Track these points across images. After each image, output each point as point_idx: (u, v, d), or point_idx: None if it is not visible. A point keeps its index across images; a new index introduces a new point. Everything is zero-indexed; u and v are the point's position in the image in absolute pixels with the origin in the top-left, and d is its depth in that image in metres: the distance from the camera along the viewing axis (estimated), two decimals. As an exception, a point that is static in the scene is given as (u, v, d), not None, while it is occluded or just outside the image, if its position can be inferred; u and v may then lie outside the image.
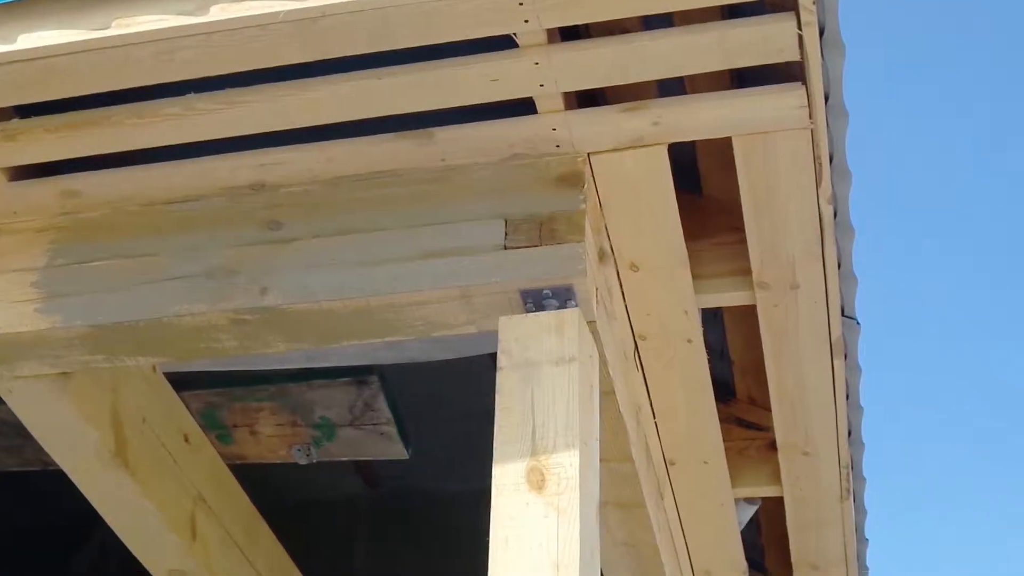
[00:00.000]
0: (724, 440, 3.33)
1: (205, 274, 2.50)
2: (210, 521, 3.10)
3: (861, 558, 3.96)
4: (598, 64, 2.33)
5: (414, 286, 2.39)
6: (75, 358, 2.59)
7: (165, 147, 2.54)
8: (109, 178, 2.60)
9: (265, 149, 2.52)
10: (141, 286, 2.51)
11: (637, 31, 2.34)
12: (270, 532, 3.40)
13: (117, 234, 2.58)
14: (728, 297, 2.96)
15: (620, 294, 2.79)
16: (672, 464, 3.37)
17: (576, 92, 2.42)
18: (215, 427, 3.39)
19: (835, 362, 3.10)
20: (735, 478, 3.51)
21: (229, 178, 2.55)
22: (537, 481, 2.17)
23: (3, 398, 2.73)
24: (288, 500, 3.85)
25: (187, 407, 3.10)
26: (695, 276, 2.84)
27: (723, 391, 3.49)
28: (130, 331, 2.50)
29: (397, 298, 2.39)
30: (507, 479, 2.19)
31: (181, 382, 3.10)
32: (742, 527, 3.72)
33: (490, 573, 2.11)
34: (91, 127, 2.49)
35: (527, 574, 2.09)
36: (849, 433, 3.40)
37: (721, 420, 3.29)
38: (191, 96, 2.42)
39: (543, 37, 2.29)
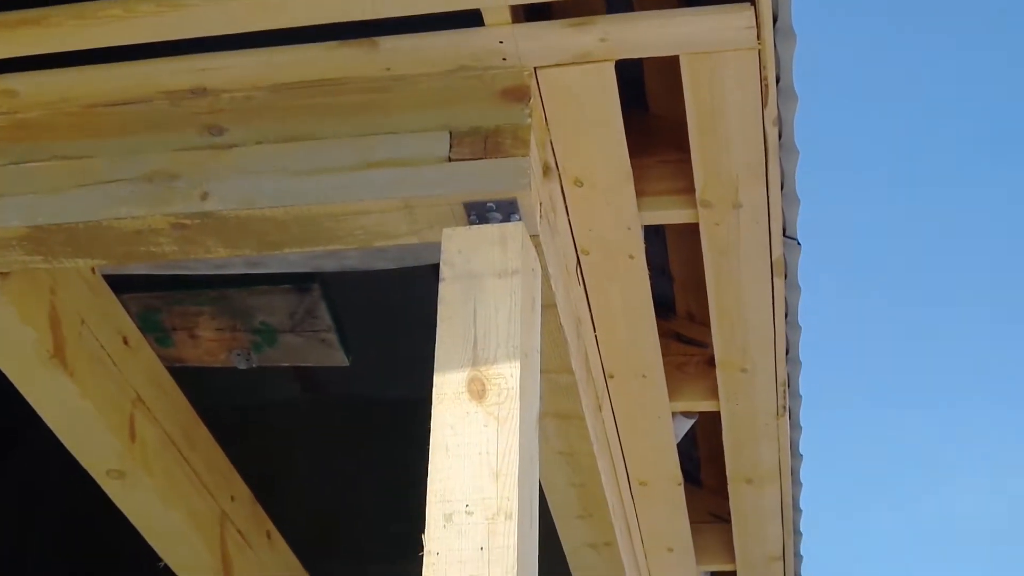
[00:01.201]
0: (663, 355, 3.36)
1: (145, 178, 2.48)
2: (149, 423, 3.10)
3: (795, 473, 4.02)
4: (547, -23, 2.31)
5: (356, 196, 2.38)
6: (13, 258, 2.57)
7: (106, 48, 2.50)
8: (48, 78, 2.56)
9: (207, 53, 2.49)
10: (80, 188, 2.48)
11: (586, -55, 2.33)
12: (209, 435, 3.41)
13: (56, 135, 2.55)
14: (671, 215, 2.97)
15: (564, 209, 2.80)
16: (611, 377, 3.39)
17: (524, 5, 2.40)
18: (154, 330, 3.38)
19: (775, 281, 3.13)
20: (673, 392, 3.55)
21: (170, 82, 2.52)
22: (478, 391, 2.19)
23: (-60, 297, 2.70)
24: (227, 405, 3.85)
25: (126, 309, 3.08)
26: (639, 193, 2.84)
27: (663, 307, 3.51)
28: (69, 233, 2.49)
29: (339, 207, 2.39)
30: (448, 388, 2.21)
31: (120, 284, 3.09)
32: (678, 440, 3.77)
33: (430, 480, 2.12)
34: (30, 26, 2.45)
35: (467, 481, 2.12)
36: (787, 351, 3.44)
37: (661, 336, 3.31)
38: (133, -3, 2.39)
39: (492, -52, 2.27)
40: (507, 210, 2.35)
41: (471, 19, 2.40)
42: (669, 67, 2.60)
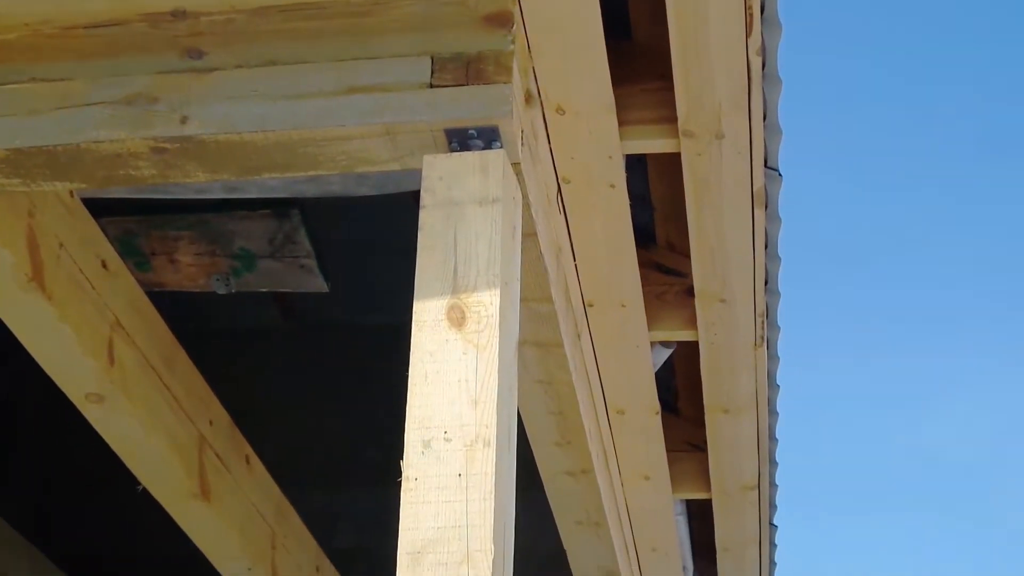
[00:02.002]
0: (643, 285, 3.37)
1: (125, 101, 2.45)
2: (127, 347, 3.10)
3: (772, 403, 4.05)
4: (531, -99, 2.29)
5: (338, 121, 2.36)
6: (-9, 181, 2.55)
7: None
8: (26, 0, 2.53)
9: (188, -25, 2.46)
10: (59, 110, 2.46)
11: None
12: (188, 360, 3.41)
13: (35, 58, 2.52)
14: (653, 144, 2.96)
15: (545, 137, 2.79)
16: (590, 306, 3.40)
17: (508, -71, 2.38)
18: (133, 254, 3.37)
19: (756, 212, 3.13)
20: (652, 322, 3.56)
21: (149, 3, 2.49)
22: (457, 318, 2.19)
23: (-83, 219, 2.68)
24: (206, 330, 3.85)
25: (105, 234, 3.07)
26: (621, 122, 2.84)
27: (644, 237, 3.51)
28: (47, 155, 2.47)
29: (320, 132, 2.37)
30: (427, 315, 2.21)
31: (99, 208, 3.07)
32: (656, 370, 3.78)
33: (408, 407, 2.13)
34: (8, -55, 2.42)
35: (445, 408, 2.12)
36: (766, 282, 3.45)
37: (641, 265, 3.32)
38: (113, -85, 2.35)
39: None
40: (488, 137, 2.34)
41: (454, -57, 2.38)
42: (653, -6, 2.59)
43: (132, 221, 3.34)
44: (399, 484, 2.06)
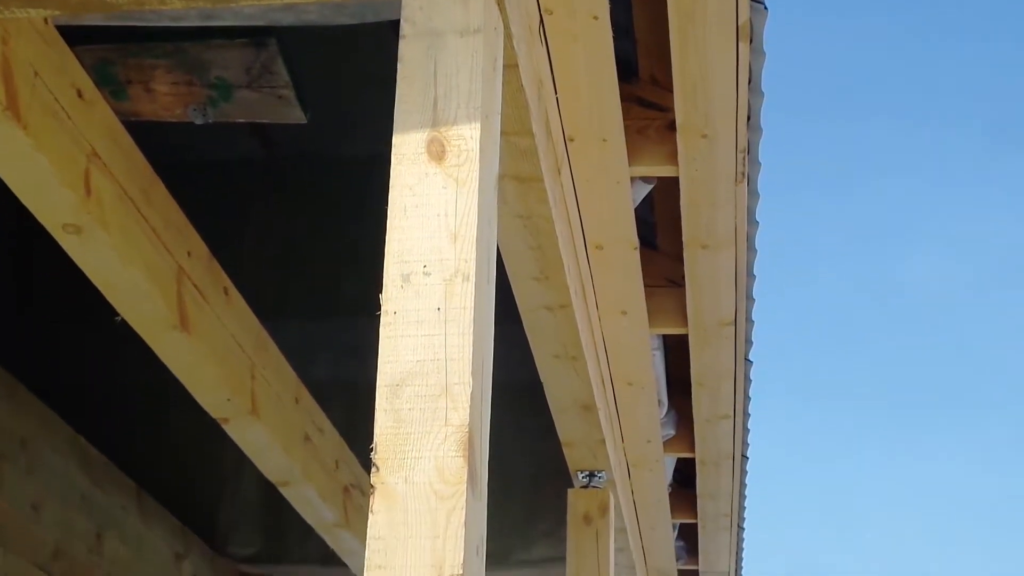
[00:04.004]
0: (624, 119, 3.35)
1: (98, -76, 2.40)
2: (104, 177, 3.07)
3: (751, 239, 4.05)
4: None
5: (316, -52, 2.32)
6: (-38, 6, 2.50)
7: None
8: None
9: None
10: (30, -67, 2.40)
11: None
12: (165, 191, 3.39)
13: None
14: (637, -26, 2.91)
15: (528, -34, 2.74)
16: (571, 140, 3.38)
17: None
18: (108, 82, 3.32)
19: (740, 46, 3.10)
20: (632, 157, 3.54)
21: None
22: (437, 152, 2.17)
23: None
24: (183, 161, 3.82)
25: (80, 62, 3.02)
26: (605, -49, 2.79)
27: (626, 70, 3.48)
28: (19, -20, 2.42)
29: (298, -41, 2.33)
30: (407, 149, 2.18)
31: (75, 37, 3.02)
32: (636, 205, 3.78)
33: (387, 240, 2.12)
34: None
35: (424, 243, 2.11)
36: (748, 118, 3.43)
37: (622, 99, 3.29)
38: None
39: None
40: (470, -35, 2.29)
41: None
42: None
43: (108, 49, 3.29)
44: (378, 317, 2.06)
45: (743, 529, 6.67)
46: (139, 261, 3.22)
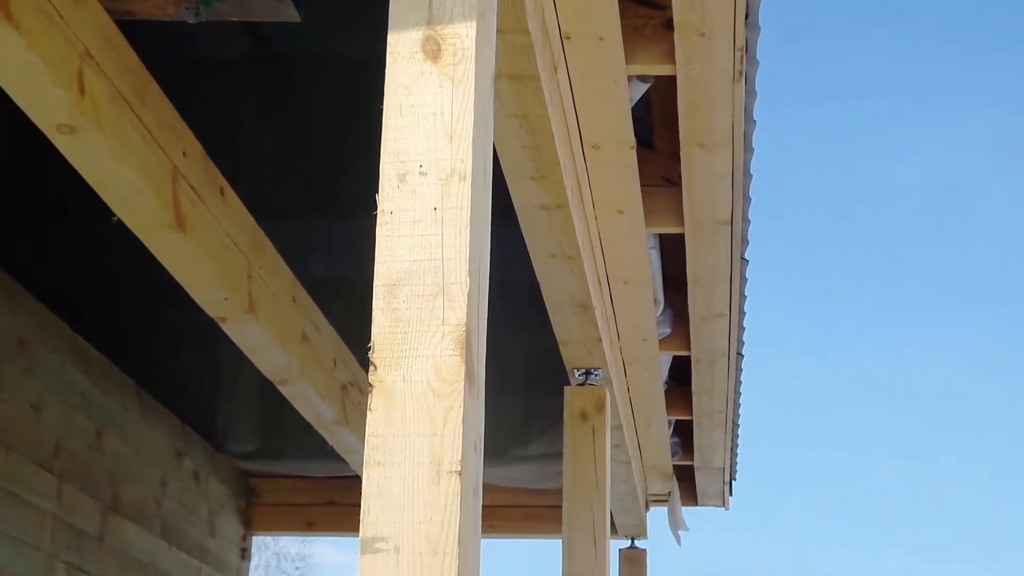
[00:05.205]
0: (621, 17, 3.32)
1: None
2: (98, 77, 3.05)
3: (748, 139, 4.04)
4: None
5: None
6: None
7: None
8: None
9: None
10: None
11: None
12: (159, 90, 3.37)
13: None
14: None
15: None
16: (568, 38, 3.35)
17: None
18: (101, -19, 3.29)
19: (737, -58, 3.07)
20: (629, 55, 3.52)
21: None
22: (433, 51, 2.15)
23: None
24: (177, 61, 3.79)
25: (71, -41, 2.99)
26: None
27: (623, -33, 3.44)
28: None
29: None
30: (402, 48, 2.17)
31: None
32: (633, 104, 3.76)
33: (383, 140, 2.11)
34: None
35: (421, 142, 2.10)
36: (747, 16, 3.40)
37: (619, -3, 3.26)
38: None
39: None
40: None
41: None
42: None
43: (98, -54, 3.25)
44: (375, 217, 2.06)
45: (738, 426, 6.73)
46: (134, 161, 3.21)
